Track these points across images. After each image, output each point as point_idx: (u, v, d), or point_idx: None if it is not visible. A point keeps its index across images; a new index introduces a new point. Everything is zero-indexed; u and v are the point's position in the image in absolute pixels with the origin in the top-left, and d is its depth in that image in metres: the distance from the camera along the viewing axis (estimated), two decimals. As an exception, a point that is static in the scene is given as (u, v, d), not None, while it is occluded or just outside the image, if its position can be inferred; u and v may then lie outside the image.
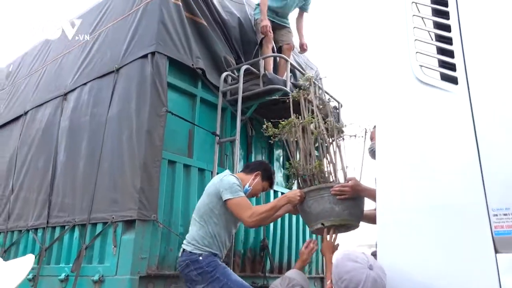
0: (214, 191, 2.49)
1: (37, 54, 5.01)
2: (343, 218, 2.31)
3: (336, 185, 2.34)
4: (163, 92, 3.03)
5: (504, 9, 1.68)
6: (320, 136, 2.55)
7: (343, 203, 2.30)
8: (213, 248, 2.43)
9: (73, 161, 3.51)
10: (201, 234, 2.43)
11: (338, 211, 2.30)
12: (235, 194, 2.42)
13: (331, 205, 2.30)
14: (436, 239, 1.67)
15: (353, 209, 2.34)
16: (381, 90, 1.96)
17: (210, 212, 2.47)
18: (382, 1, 2.05)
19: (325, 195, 2.32)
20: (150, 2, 3.37)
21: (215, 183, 2.53)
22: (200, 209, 2.52)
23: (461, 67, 1.73)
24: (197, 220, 2.49)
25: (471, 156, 1.62)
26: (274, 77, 3.47)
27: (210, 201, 2.49)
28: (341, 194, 2.30)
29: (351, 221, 2.35)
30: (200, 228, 2.45)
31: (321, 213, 2.33)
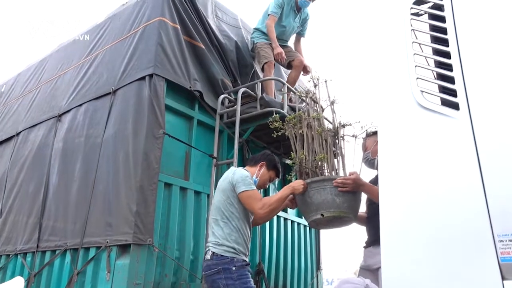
0: (228, 185, 2.50)
1: (31, 75, 4.99)
2: (343, 210, 2.39)
3: (339, 177, 2.43)
4: (160, 114, 3.02)
5: (503, 36, 1.71)
6: (325, 133, 2.64)
7: (344, 196, 2.39)
8: (240, 242, 2.42)
9: (66, 183, 3.45)
10: (227, 231, 2.42)
11: (339, 203, 2.38)
12: (248, 186, 2.46)
13: (333, 196, 2.38)
14: (441, 267, 1.65)
15: (352, 203, 2.44)
16: (382, 115, 1.97)
17: (230, 207, 2.47)
18: (383, 27, 2.08)
19: (327, 187, 2.41)
20: (149, 25, 3.40)
21: (228, 177, 2.53)
22: (219, 207, 2.50)
23: (462, 93, 1.75)
24: (219, 219, 2.46)
25: (474, 182, 1.62)
26: (271, 100, 3.49)
27: (227, 196, 2.49)
28: (343, 186, 2.38)
29: (349, 214, 2.43)
30: (225, 226, 2.44)
31: (322, 204, 2.40)
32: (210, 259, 2.38)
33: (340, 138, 2.68)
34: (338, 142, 2.67)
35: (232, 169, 2.61)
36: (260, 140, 4.03)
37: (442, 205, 1.70)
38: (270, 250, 3.88)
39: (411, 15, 2.00)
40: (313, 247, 4.74)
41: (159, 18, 3.33)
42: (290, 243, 4.20)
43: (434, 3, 1.93)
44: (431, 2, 1.95)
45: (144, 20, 3.48)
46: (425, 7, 1.98)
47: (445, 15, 1.88)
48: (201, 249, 3.15)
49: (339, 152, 2.66)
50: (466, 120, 1.69)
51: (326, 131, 2.66)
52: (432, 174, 1.73)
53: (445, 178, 1.70)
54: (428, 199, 1.74)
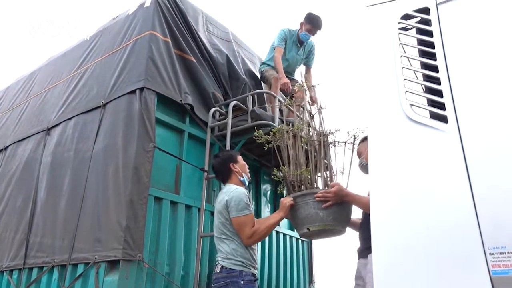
0: (224, 208, 2.54)
1: (20, 88, 4.95)
2: (328, 223, 2.38)
3: (321, 190, 2.41)
4: (151, 127, 3.00)
5: (489, 50, 1.74)
6: (310, 143, 2.64)
7: (328, 209, 2.37)
8: (246, 256, 2.47)
9: (54, 198, 3.39)
10: (233, 247, 2.48)
11: (323, 216, 2.37)
12: (240, 212, 2.49)
13: (316, 210, 2.38)
14: (432, 280, 1.64)
15: (338, 215, 2.40)
16: (371, 128, 1.98)
17: (231, 227, 2.52)
18: (371, 41, 2.11)
19: (310, 201, 2.41)
20: (139, 38, 3.40)
21: (223, 201, 2.56)
22: (221, 228, 2.55)
23: (450, 107, 1.76)
24: (223, 237, 2.53)
25: (464, 196, 1.62)
26: (262, 113, 3.50)
27: (225, 218, 2.54)
28: (325, 200, 2.37)
29: (335, 226, 2.41)
30: (230, 242, 2.49)
31: (306, 218, 2.41)
32: (219, 272, 2.45)
33: (328, 147, 2.68)
34: (325, 152, 2.66)
35: (226, 190, 2.64)
36: (251, 153, 4.02)
37: (432, 218, 1.70)
38: (261, 263, 3.84)
39: (399, 29, 2.03)
40: (305, 259, 4.71)
41: (150, 32, 3.34)
42: (282, 256, 4.17)
43: (422, 18, 1.96)
44: (418, 17, 1.98)
45: (134, 33, 3.48)
46: (413, 22, 2.01)
47: (433, 30, 1.91)
48: (192, 264, 3.11)
49: (327, 162, 2.65)
50: (455, 133, 1.70)
51: (310, 141, 2.66)
52: (422, 187, 1.74)
53: (435, 191, 1.71)
54: (418, 212, 1.74)
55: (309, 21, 4.23)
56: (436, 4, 1.96)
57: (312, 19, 4.23)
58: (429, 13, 1.96)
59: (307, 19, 4.25)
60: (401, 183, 1.81)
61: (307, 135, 2.71)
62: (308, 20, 4.24)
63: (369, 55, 2.11)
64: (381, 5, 2.16)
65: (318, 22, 4.24)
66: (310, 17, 4.24)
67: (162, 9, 3.50)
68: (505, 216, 1.55)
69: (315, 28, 4.25)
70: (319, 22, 4.25)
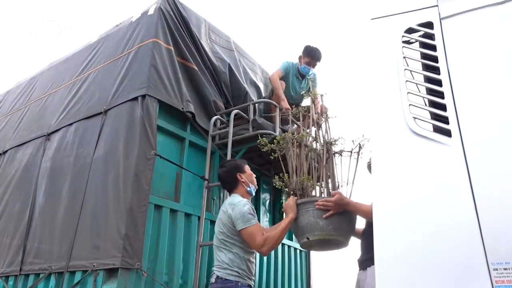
0: (228, 220, 2.49)
1: (21, 93, 4.94)
2: (328, 233, 2.32)
3: (321, 198, 2.37)
4: (152, 135, 3.00)
5: (493, 65, 1.76)
6: (313, 151, 2.64)
7: (328, 218, 2.32)
8: (243, 268, 2.44)
9: (53, 204, 3.37)
10: (230, 257, 2.44)
11: (323, 225, 2.32)
12: (247, 223, 2.43)
13: (315, 219, 2.33)
14: (435, 294, 1.63)
15: (339, 224, 2.34)
16: (375, 141, 1.98)
17: (230, 239, 2.48)
18: (375, 54, 2.12)
19: (310, 209, 2.37)
20: (142, 46, 3.42)
21: (228, 212, 2.51)
22: (220, 238, 2.52)
23: (453, 120, 1.77)
24: (222, 247, 2.49)
25: (468, 210, 1.62)
26: (264, 122, 3.50)
27: (227, 229, 2.50)
28: (325, 208, 2.33)
29: (336, 236, 2.35)
30: (227, 252, 2.46)
31: (306, 227, 2.37)
32: (214, 282, 2.42)
33: (332, 156, 2.64)
34: (328, 161, 2.63)
35: (230, 202, 2.58)
36: (252, 162, 4.01)
37: (436, 232, 1.70)
38: (260, 272, 3.81)
39: (403, 42, 2.04)
40: (303, 270, 4.68)
41: (153, 40, 3.35)
42: (280, 265, 4.14)
43: (425, 32, 1.98)
44: (422, 31, 2.00)
45: (138, 41, 3.50)
46: (416, 36, 2.03)
47: (436, 44, 1.93)
48: (191, 273, 3.09)
49: (330, 171, 2.62)
50: (458, 147, 1.71)
51: (314, 150, 2.66)
52: (426, 201, 1.73)
53: (439, 205, 1.71)
54: (422, 225, 1.73)
55: (307, 54, 4.18)
56: (439, 19, 1.98)
57: (310, 52, 4.18)
58: (432, 28, 1.97)
59: (305, 52, 4.20)
60: (404, 196, 1.80)
61: (311, 143, 2.70)
62: (306, 53, 4.19)
63: (373, 67, 2.12)
64: (385, 18, 2.17)
65: (317, 54, 4.21)
66: (308, 49, 4.19)
67: (166, 17, 3.51)
68: (509, 231, 1.55)
69: (314, 60, 4.22)
70: (317, 54, 4.21)
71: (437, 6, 1.99)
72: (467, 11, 1.93)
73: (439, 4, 1.98)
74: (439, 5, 1.99)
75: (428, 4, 2.04)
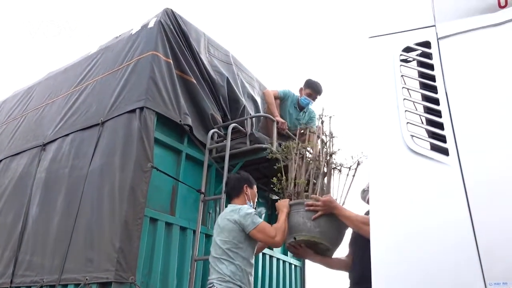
0: (234, 226, 2.49)
1: (17, 102, 4.93)
2: (314, 235, 2.37)
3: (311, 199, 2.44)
4: (149, 147, 2.99)
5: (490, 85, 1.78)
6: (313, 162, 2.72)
7: (316, 220, 2.36)
8: (244, 282, 2.42)
9: (46, 215, 3.33)
10: (232, 269, 2.41)
11: (310, 226, 2.37)
12: (256, 222, 2.48)
13: (304, 220, 2.39)
14: (433, 313, 1.61)
15: (326, 228, 2.38)
16: (373, 159, 1.98)
17: (235, 248, 2.46)
18: (373, 72, 2.14)
19: (300, 210, 2.43)
20: (142, 58, 3.43)
21: (232, 218, 2.51)
22: (222, 247, 2.48)
23: (451, 139, 1.78)
24: (223, 258, 2.45)
25: (465, 229, 1.62)
26: (261, 136, 3.51)
27: (233, 236, 2.48)
28: (314, 209, 2.37)
29: (322, 240, 2.38)
30: (229, 264, 2.42)
31: (294, 227, 2.43)
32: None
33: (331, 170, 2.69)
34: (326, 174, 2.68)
35: (232, 209, 2.60)
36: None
37: (434, 251, 1.69)
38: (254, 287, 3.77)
39: (401, 61, 2.07)
40: (298, 285, 4.64)
41: (153, 52, 3.37)
42: (275, 280, 4.11)
43: (423, 51, 2.01)
44: (419, 50, 2.03)
45: (137, 53, 3.51)
46: (414, 54, 2.05)
47: (434, 63, 1.95)
48: (185, 287, 3.05)
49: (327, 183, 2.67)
50: (456, 165, 1.71)
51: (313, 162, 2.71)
52: (423, 219, 1.73)
53: (436, 224, 1.71)
54: (420, 243, 1.73)
55: (308, 86, 4.27)
56: (437, 38, 2.01)
57: (312, 84, 4.28)
58: (430, 47, 2.00)
59: (306, 84, 4.28)
60: (402, 214, 1.80)
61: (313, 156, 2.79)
62: (308, 85, 4.28)
63: (371, 85, 2.14)
64: (383, 37, 2.20)
65: (318, 87, 4.28)
66: (309, 82, 4.28)
67: (165, 30, 3.54)
68: (507, 250, 1.55)
69: (315, 93, 4.28)
70: (318, 87, 4.28)
71: (434, 26, 2.02)
72: (464, 31, 1.96)
73: (436, 24, 2.01)
74: (437, 25, 2.02)
75: (425, 24, 2.07)
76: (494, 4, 1.92)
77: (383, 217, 1.83)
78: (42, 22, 15.76)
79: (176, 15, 3.71)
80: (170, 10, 3.69)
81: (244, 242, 2.48)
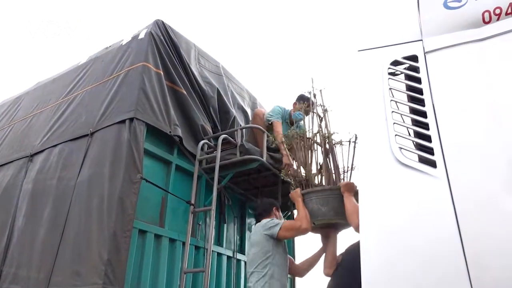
0: (260, 237, 2.69)
1: (5, 112, 4.86)
2: (330, 217, 2.60)
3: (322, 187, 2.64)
4: (139, 158, 2.97)
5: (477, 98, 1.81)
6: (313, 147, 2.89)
7: (329, 205, 2.59)
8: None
9: (33, 227, 3.27)
10: (261, 284, 2.53)
11: (324, 211, 2.59)
12: (279, 224, 2.69)
13: (318, 206, 2.61)
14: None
15: (340, 209, 2.55)
16: (362, 170, 2.00)
17: (264, 257, 2.61)
18: (361, 85, 2.17)
19: (313, 198, 2.64)
20: (132, 69, 3.43)
21: (260, 232, 2.72)
22: (255, 259, 2.64)
23: (438, 152, 1.80)
24: (256, 271, 2.60)
25: (453, 241, 1.64)
26: (251, 148, 3.51)
27: (261, 247, 2.65)
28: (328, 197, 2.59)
29: (338, 219, 2.59)
30: (259, 278, 2.55)
31: (309, 214, 2.64)
32: None
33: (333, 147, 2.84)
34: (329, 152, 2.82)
35: (259, 224, 2.81)
36: (238, 187, 4.00)
37: (422, 262, 1.70)
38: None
39: (389, 74, 2.10)
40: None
41: (143, 63, 3.37)
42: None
43: (410, 65, 2.04)
44: (407, 64, 2.06)
45: (127, 64, 3.51)
46: (402, 68, 2.09)
47: (421, 77, 1.99)
48: (174, 301, 3.01)
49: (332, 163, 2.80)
50: (443, 178, 1.73)
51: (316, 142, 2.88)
52: (411, 231, 1.75)
53: (424, 235, 1.72)
54: (408, 255, 1.74)
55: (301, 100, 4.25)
56: (424, 53, 2.05)
57: (305, 99, 4.26)
58: (417, 61, 2.04)
59: (300, 99, 4.24)
60: (390, 226, 1.81)
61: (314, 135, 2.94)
62: (302, 100, 4.26)
63: (360, 97, 2.17)
64: (372, 50, 2.24)
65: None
66: (303, 97, 4.24)
67: (156, 41, 3.55)
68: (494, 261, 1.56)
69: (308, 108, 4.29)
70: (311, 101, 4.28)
71: (421, 41, 2.07)
72: (450, 46, 2.00)
73: (423, 39, 2.06)
74: (424, 40, 2.06)
75: (413, 38, 2.12)
76: (479, 20, 1.97)
77: (372, 229, 1.84)
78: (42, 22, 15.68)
79: (167, 26, 3.73)
80: (161, 21, 3.70)
81: (272, 250, 2.63)
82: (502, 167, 1.65)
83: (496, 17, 1.93)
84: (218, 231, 3.80)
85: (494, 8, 1.94)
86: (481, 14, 1.95)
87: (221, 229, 3.82)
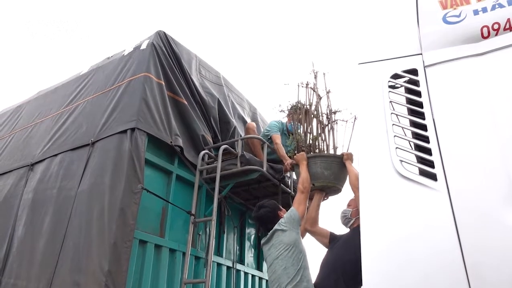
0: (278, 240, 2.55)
1: (6, 120, 4.87)
2: (330, 181, 2.89)
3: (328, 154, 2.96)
4: (140, 168, 2.98)
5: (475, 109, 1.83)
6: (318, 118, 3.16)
7: (331, 169, 2.87)
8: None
9: (32, 237, 3.26)
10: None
11: (327, 175, 2.87)
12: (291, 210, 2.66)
13: (321, 169, 2.87)
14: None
15: (338, 175, 2.90)
16: (363, 183, 2.01)
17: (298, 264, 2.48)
18: (362, 98, 2.19)
19: (317, 162, 2.89)
20: (134, 79, 3.45)
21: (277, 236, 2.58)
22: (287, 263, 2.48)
23: (439, 164, 1.82)
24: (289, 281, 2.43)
25: (454, 252, 1.65)
26: (252, 158, 3.52)
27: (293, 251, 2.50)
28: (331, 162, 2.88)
29: (336, 184, 2.91)
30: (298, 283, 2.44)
31: (313, 176, 2.86)
32: None
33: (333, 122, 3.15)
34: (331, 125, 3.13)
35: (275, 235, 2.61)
36: (239, 197, 4.01)
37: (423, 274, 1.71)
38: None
39: (389, 87, 2.12)
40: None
41: (145, 74, 3.40)
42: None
43: (410, 78, 2.07)
44: (407, 77, 2.09)
45: (129, 74, 3.53)
46: (402, 81, 2.12)
47: (421, 90, 2.01)
48: (174, 311, 3.00)
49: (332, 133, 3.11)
50: (444, 190, 1.75)
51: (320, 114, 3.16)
52: (412, 243, 1.75)
53: (425, 247, 1.73)
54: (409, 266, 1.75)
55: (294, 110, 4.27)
56: (423, 66, 2.07)
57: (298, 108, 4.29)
58: (417, 74, 2.06)
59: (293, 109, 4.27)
60: (391, 238, 1.82)
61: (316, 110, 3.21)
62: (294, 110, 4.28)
63: (361, 110, 2.19)
64: (372, 63, 2.26)
65: None
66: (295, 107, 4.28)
67: (158, 52, 3.58)
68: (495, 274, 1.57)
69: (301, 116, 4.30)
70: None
71: (421, 55, 2.09)
72: (449, 60, 2.03)
73: (423, 53, 2.09)
74: (423, 54, 2.09)
75: (412, 52, 2.15)
76: (478, 35, 2.01)
77: (374, 241, 1.85)
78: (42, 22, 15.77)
79: (169, 37, 3.76)
80: (163, 32, 3.74)
81: (302, 249, 2.56)
82: (502, 180, 1.67)
83: (494, 32, 1.96)
84: (218, 241, 3.80)
85: (493, 23, 1.97)
86: (480, 29, 1.99)
87: (221, 239, 3.82)
